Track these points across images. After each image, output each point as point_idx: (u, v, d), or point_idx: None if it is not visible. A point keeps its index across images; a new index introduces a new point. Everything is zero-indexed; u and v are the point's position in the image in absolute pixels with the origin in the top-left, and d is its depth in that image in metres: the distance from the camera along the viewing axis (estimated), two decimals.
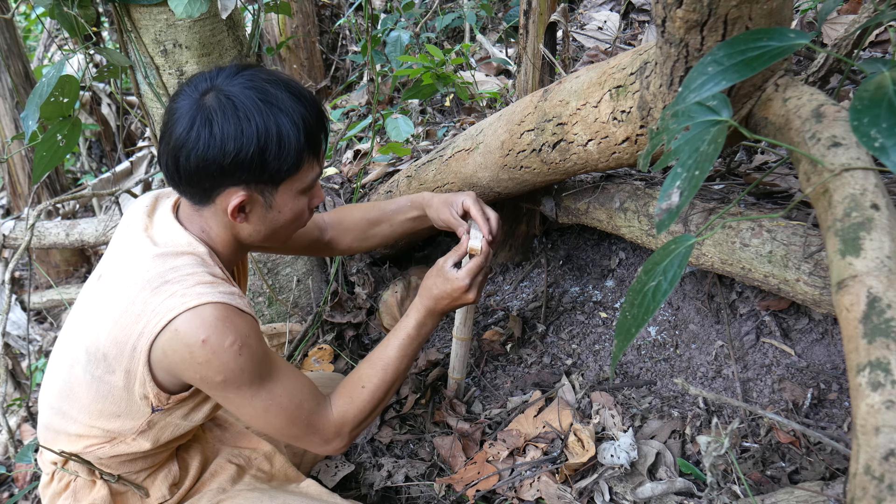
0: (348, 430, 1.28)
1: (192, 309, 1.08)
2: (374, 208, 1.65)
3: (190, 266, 1.13)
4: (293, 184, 1.16)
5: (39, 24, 5.76)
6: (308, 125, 1.13)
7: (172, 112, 1.11)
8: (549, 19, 1.76)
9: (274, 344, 2.10)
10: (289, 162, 1.12)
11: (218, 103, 1.08)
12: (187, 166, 1.09)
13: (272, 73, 1.15)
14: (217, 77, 1.12)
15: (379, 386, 1.31)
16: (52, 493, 1.32)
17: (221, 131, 1.06)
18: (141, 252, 1.16)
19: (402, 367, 1.35)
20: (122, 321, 1.11)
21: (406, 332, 1.36)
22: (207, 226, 1.20)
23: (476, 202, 1.47)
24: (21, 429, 2.46)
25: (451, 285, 1.36)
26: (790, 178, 1.59)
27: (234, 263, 1.31)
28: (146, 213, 1.23)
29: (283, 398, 1.19)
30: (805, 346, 1.55)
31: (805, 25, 2.08)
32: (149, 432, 1.23)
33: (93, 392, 1.18)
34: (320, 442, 1.26)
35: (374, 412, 1.31)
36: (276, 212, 1.18)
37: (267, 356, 1.18)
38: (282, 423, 1.20)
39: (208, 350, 1.08)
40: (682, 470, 1.45)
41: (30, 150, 3.34)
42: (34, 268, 3.60)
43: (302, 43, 3.91)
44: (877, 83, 0.78)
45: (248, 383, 1.14)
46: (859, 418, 0.71)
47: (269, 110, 1.09)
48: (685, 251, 0.89)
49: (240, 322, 1.12)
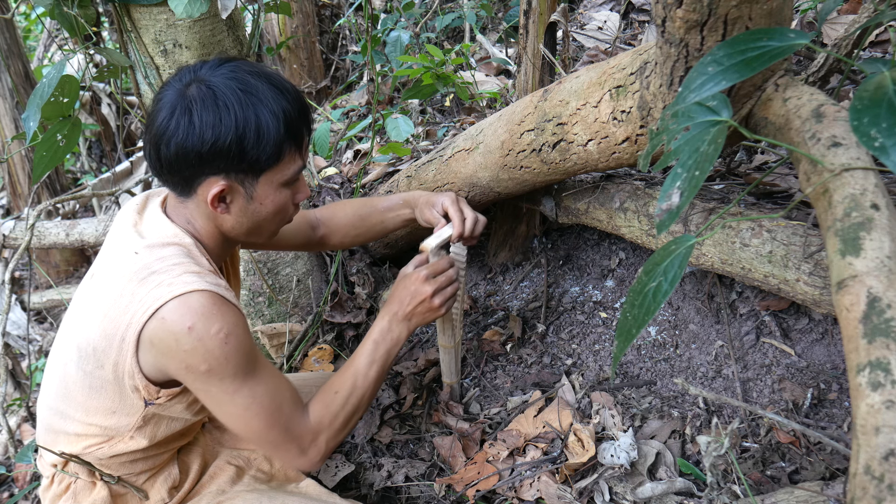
0: (324, 440, 1.25)
1: (179, 297, 1.08)
2: (366, 204, 1.65)
3: (176, 256, 1.14)
4: (274, 175, 1.16)
5: (39, 24, 5.76)
6: (289, 117, 1.13)
7: (156, 102, 1.14)
8: (549, 19, 1.76)
9: (274, 344, 2.11)
10: (268, 152, 1.12)
11: (199, 93, 1.09)
12: (167, 154, 1.10)
13: (255, 65, 1.16)
14: (201, 69, 1.14)
15: (351, 393, 1.28)
16: (52, 495, 1.32)
17: (200, 120, 1.08)
18: (128, 246, 1.17)
19: (373, 374, 1.31)
20: (110, 314, 1.12)
21: (372, 339, 1.33)
22: (192, 217, 1.21)
23: (454, 203, 1.46)
24: (21, 429, 2.46)
25: (411, 285, 1.34)
26: (790, 178, 1.59)
27: (223, 258, 1.31)
28: (136, 212, 1.24)
29: (264, 398, 1.17)
30: (805, 346, 1.55)
31: (805, 25, 2.08)
32: (145, 428, 1.22)
33: (86, 388, 1.18)
34: (297, 452, 1.23)
35: (348, 421, 1.29)
36: (257, 203, 1.18)
37: (253, 351, 1.17)
38: (261, 425, 1.18)
39: (194, 337, 1.08)
40: (682, 470, 1.45)
41: (30, 150, 3.34)
42: (34, 268, 3.59)
43: (302, 43, 3.91)
44: (877, 83, 0.78)
45: (231, 376, 1.13)
46: (859, 418, 0.71)
47: (248, 100, 1.10)
48: (685, 251, 0.89)
49: (227, 311, 1.12)
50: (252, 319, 2.14)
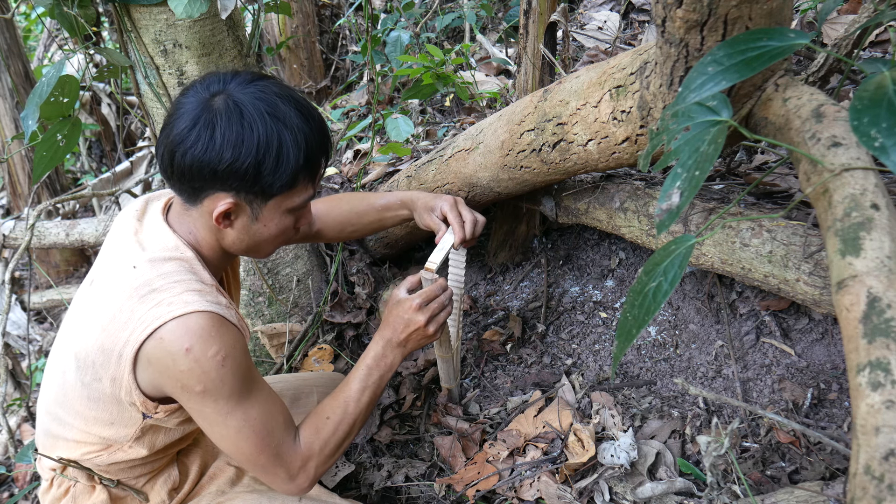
0: (314, 465, 1.23)
1: (179, 318, 1.07)
2: (363, 201, 1.64)
3: (178, 273, 1.13)
4: (283, 201, 1.16)
5: (39, 24, 5.76)
6: (310, 147, 1.12)
7: (178, 107, 1.11)
8: (549, 19, 1.76)
9: (274, 344, 2.11)
10: (283, 179, 1.11)
11: (225, 107, 1.07)
12: (182, 164, 1.08)
13: (285, 87, 1.14)
14: (231, 81, 1.11)
15: (342, 419, 1.27)
16: (51, 498, 1.32)
17: (223, 136, 1.06)
18: (129, 258, 1.15)
19: (365, 400, 1.30)
20: (109, 328, 1.11)
21: (365, 364, 1.32)
22: (195, 227, 1.20)
23: (453, 208, 1.45)
24: (21, 429, 2.46)
25: (404, 314, 1.32)
26: (790, 178, 1.59)
27: (222, 270, 1.30)
28: (136, 218, 1.23)
29: (256, 421, 1.16)
30: (805, 346, 1.55)
31: (805, 25, 2.08)
32: (143, 439, 1.22)
33: (84, 398, 1.18)
34: (286, 477, 1.21)
35: (339, 446, 1.27)
36: (261, 225, 1.17)
37: (249, 373, 1.17)
38: (251, 448, 1.17)
39: (191, 359, 1.07)
40: (682, 470, 1.45)
41: (30, 150, 3.34)
42: (34, 268, 3.60)
43: (302, 43, 3.91)
44: (877, 83, 0.78)
45: (226, 397, 1.12)
46: (859, 418, 0.71)
47: (274, 124, 1.08)
48: (685, 251, 0.89)
49: (226, 333, 1.11)
50: (252, 319, 2.14)
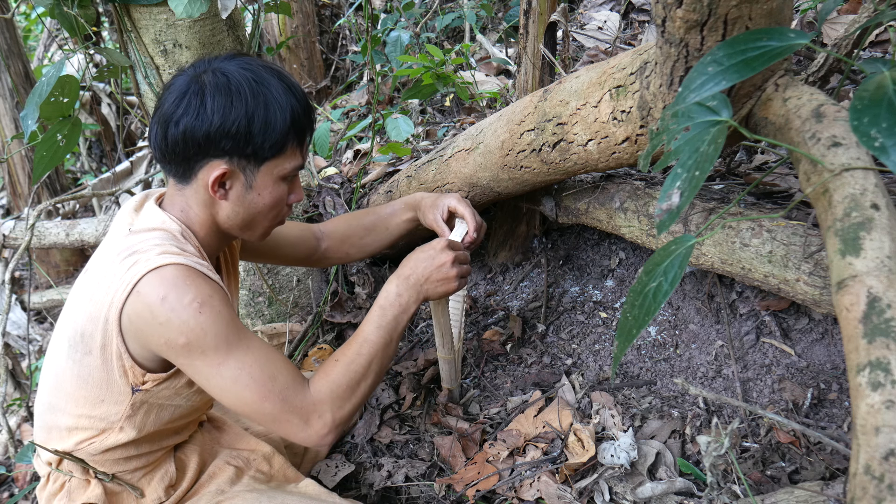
0: (328, 409, 1.17)
1: (154, 270, 1.09)
2: (369, 213, 1.65)
3: (159, 238, 1.16)
4: (275, 167, 1.19)
5: (39, 24, 5.76)
6: (296, 113, 1.17)
7: (167, 87, 1.17)
8: (549, 19, 1.76)
9: (274, 344, 2.11)
10: (272, 140, 1.15)
11: (213, 79, 1.13)
12: (175, 134, 1.13)
13: (268, 62, 1.20)
14: (216, 60, 1.18)
15: (354, 360, 1.22)
16: (47, 494, 1.32)
17: (212, 101, 1.11)
18: (117, 236, 1.20)
19: (380, 341, 1.25)
20: (95, 297, 1.13)
21: (378, 305, 1.28)
22: (187, 205, 1.22)
23: (461, 201, 1.48)
24: (21, 429, 2.46)
25: (430, 250, 1.32)
26: (790, 178, 1.59)
27: (217, 250, 1.31)
28: (133, 210, 1.26)
29: (253, 368, 1.13)
30: (805, 346, 1.55)
31: (805, 25, 2.08)
32: (134, 418, 1.22)
33: (75, 378, 1.19)
34: (300, 423, 1.16)
35: (354, 389, 1.21)
36: (255, 193, 1.20)
37: (234, 323, 1.15)
38: (253, 396, 1.13)
39: (167, 308, 1.08)
40: (682, 470, 1.45)
41: (30, 150, 3.34)
42: (34, 268, 3.60)
43: (302, 43, 3.91)
44: (877, 83, 0.78)
45: (213, 348, 1.11)
46: (859, 418, 0.71)
47: (260, 91, 1.14)
48: (685, 252, 0.89)
49: (201, 282, 1.11)
50: (252, 319, 2.14)
